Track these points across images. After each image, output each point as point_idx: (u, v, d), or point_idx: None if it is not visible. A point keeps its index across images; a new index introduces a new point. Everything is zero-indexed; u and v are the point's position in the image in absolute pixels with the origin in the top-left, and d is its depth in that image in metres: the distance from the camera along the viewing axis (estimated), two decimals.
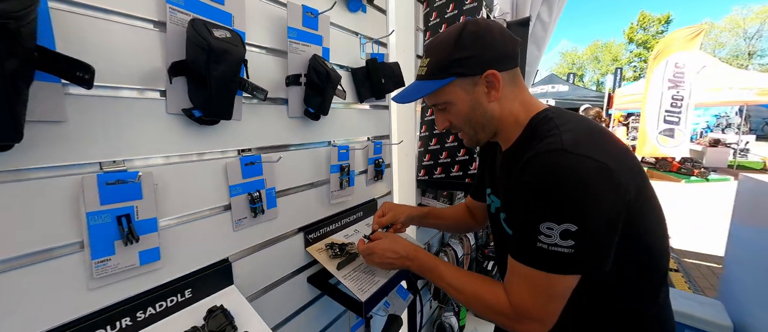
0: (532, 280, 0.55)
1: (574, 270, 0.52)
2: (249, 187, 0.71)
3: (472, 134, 0.68)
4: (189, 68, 0.55)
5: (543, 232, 0.51)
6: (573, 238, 0.49)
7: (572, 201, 0.49)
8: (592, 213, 0.49)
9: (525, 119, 0.65)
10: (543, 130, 0.60)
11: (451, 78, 0.62)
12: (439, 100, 0.65)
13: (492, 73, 0.60)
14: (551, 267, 0.52)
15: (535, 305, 0.55)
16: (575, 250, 0.50)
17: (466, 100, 0.63)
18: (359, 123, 1.07)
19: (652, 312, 0.61)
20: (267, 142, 0.77)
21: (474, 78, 0.62)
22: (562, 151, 0.52)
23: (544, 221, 0.51)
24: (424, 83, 0.65)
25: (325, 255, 0.89)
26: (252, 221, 0.73)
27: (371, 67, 1.01)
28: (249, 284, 0.74)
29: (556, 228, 0.50)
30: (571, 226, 0.49)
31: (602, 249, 0.52)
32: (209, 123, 0.62)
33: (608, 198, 0.50)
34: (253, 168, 0.71)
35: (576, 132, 0.55)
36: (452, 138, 1.35)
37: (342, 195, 1.00)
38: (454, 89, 0.63)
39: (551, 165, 0.52)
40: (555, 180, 0.50)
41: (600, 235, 0.51)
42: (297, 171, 0.86)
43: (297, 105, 0.82)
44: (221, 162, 0.66)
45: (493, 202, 0.77)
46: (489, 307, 0.61)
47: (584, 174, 0.50)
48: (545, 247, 0.51)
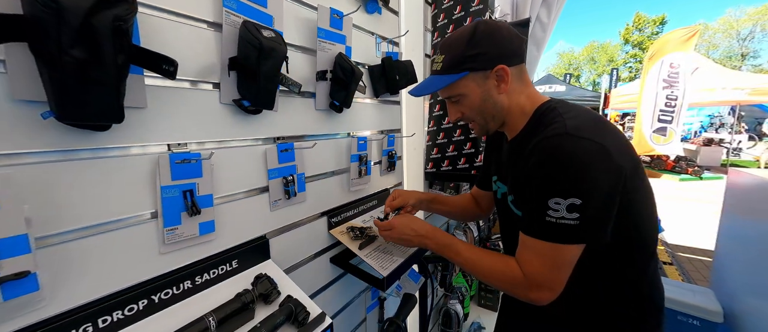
0: (542, 251, 0.62)
1: (579, 239, 0.59)
2: (284, 172, 0.79)
3: (482, 124, 0.76)
4: (241, 64, 0.63)
5: (551, 207, 0.58)
6: (578, 211, 0.56)
7: (576, 178, 0.56)
8: (593, 188, 0.56)
9: (530, 110, 0.73)
10: (548, 118, 0.67)
11: (465, 72, 0.69)
12: (453, 92, 0.73)
13: (502, 67, 0.68)
14: (559, 237, 0.59)
15: (545, 273, 0.62)
16: (580, 222, 0.57)
17: (478, 92, 0.71)
18: (374, 116, 1.15)
19: (643, 282, 0.70)
20: (298, 131, 0.84)
21: (485, 72, 0.69)
22: (566, 135, 0.59)
23: (553, 197, 0.58)
24: (440, 77, 0.72)
25: (348, 237, 0.96)
26: (286, 202, 0.81)
27: (387, 64, 1.09)
28: (282, 260, 0.81)
29: (563, 202, 0.57)
30: (576, 200, 0.56)
31: (603, 221, 0.59)
32: (253, 112, 0.70)
33: (607, 176, 0.57)
34: (287, 154, 0.79)
35: (578, 119, 0.63)
36: (459, 132, 1.43)
37: (360, 184, 1.08)
38: (466, 82, 0.71)
39: (556, 147, 0.59)
40: (560, 159, 0.58)
41: (601, 208, 0.58)
42: (322, 159, 0.94)
43: (323, 98, 0.90)
44: (261, 148, 0.74)
45: (500, 188, 0.84)
46: (504, 279, 0.68)
47: (585, 154, 0.57)
48: (554, 220, 0.58)
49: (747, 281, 1.78)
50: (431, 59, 0.74)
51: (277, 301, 0.64)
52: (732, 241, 2.02)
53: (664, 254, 3.51)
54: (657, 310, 0.71)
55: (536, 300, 0.64)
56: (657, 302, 0.71)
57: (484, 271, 0.72)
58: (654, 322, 0.71)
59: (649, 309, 0.70)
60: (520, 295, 0.67)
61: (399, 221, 0.84)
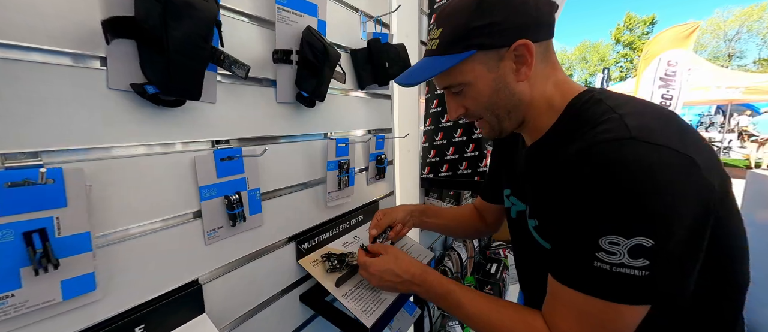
0: (585, 310, 0.43)
1: (647, 298, 0.40)
2: (226, 188, 0.56)
3: (494, 123, 0.55)
4: (139, 27, 0.40)
5: (604, 248, 0.39)
6: (647, 257, 0.37)
7: (647, 206, 0.37)
8: (672, 222, 0.37)
9: (561, 103, 0.52)
10: (592, 114, 0.46)
11: (470, 51, 0.48)
12: (454, 80, 0.52)
13: (523, 43, 0.47)
14: (614, 294, 0.40)
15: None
16: (650, 272, 0.38)
17: (489, 79, 0.50)
18: (359, 113, 0.93)
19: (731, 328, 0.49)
20: (250, 131, 0.62)
21: (500, 51, 0.48)
22: (631, 140, 0.39)
23: (607, 233, 0.38)
24: (436, 59, 0.51)
25: (321, 269, 0.74)
26: (230, 231, 0.58)
27: (374, 48, 0.87)
28: (226, 310, 0.59)
29: (624, 243, 0.38)
30: (645, 241, 0.37)
31: (685, 269, 0.40)
32: (171, 104, 0.47)
33: (694, 202, 0.38)
34: (231, 164, 0.57)
35: (643, 116, 0.42)
36: (461, 132, 1.22)
37: (340, 197, 0.86)
38: (473, 66, 0.50)
39: (616, 158, 0.39)
40: (622, 178, 0.38)
41: (682, 252, 0.39)
42: (287, 168, 0.71)
43: (287, 87, 0.67)
44: (187, 156, 0.51)
45: (515, 206, 0.64)
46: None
47: (662, 169, 0.37)
48: (607, 268, 0.39)
49: None
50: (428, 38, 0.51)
51: None
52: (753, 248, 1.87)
53: None
54: None
55: None
56: None
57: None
58: None
59: None
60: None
61: (377, 265, 0.63)
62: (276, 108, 0.67)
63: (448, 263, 1.53)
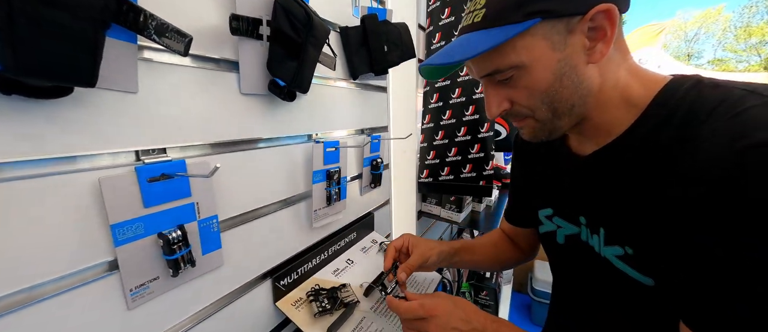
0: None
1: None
2: (160, 222, 0.37)
3: (546, 119, 0.40)
4: None
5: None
6: None
7: None
8: None
9: (644, 96, 0.38)
10: (714, 101, 0.33)
11: (533, 20, 0.34)
12: (504, 63, 0.37)
13: (606, 8, 0.34)
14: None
15: None
16: None
17: (553, 60, 0.36)
18: (351, 108, 0.76)
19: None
20: (201, 136, 0.43)
21: (571, 20, 0.35)
22: None
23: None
24: (483, 33, 0.36)
25: (307, 312, 0.57)
26: (169, 283, 0.39)
27: (370, 27, 0.70)
28: None
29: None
30: None
31: None
32: (45, 94, 0.28)
33: None
34: (168, 185, 0.38)
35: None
36: (465, 130, 1.08)
37: (330, 214, 0.68)
38: (532, 42, 0.35)
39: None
40: None
41: None
42: (259, 183, 0.53)
43: (256, 73, 0.48)
44: (86, 178, 0.32)
45: (562, 228, 0.50)
46: None
47: None
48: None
49: None
50: (464, 12, 0.39)
51: None
52: None
53: None
54: None
55: None
56: None
57: None
58: None
59: None
60: None
61: (443, 309, 0.46)
62: (240, 101, 0.48)
63: (445, 273, 1.40)
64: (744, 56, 19.05)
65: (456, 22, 1.04)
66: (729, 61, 19.90)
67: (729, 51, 19.83)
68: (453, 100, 1.08)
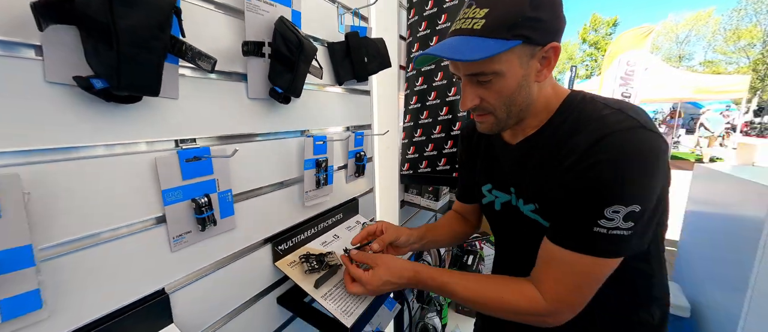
0: (578, 268, 0.52)
1: (626, 252, 0.50)
2: (192, 191, 0.52)
3: (502, 118, 0.57)
4: (80, 13, 0.35)
5: (606, 216, 0.48)
6: (634, 220, 0.47)
7: (645, 180, 0.47)
8: (653, 192, 0.48)
9: (555, 103, 0.58)
10: (590, 111, 0.53)
11: (517, 41, 0.49)
12: (489, 68, 0.51)
13: (555, 46, 0.51)
14: (605, 251, 0.50)
15: (575, 292, 0.53)
16: (632, 232, 0.48)
17: (518, 74, 0.52)
18: (337, 109, 0.91)
19: (663, 271, 0.63)
20: (219, 130, 0.58)
21: (535, 48, 0.51)
22: (642, 129, 0.47)
23: (612, 204, 0.47)
24: (483, 41, 0.49)
25: (299, 270, 0.72)
26: (199, 236, 0.54)
27: (352, 42, 0.85)
28: (197, 319, 0.56)
29: (623, 210, 0.47)
30: (636, 207, 0.47)
31: (650, 226, 0.51)
32: (124, 100, 0.43)
33: (663, 175, 0.49)
34: (198, 165, 0.53)
35: (635, 110, 0.51)
36: (439, 128, 1.23)
37: (319, 196, 0.83)
38: (511, 57, 0.51)
39: (634, 143, 0.47)
40: (637, 159, 0.46)
41: (652, 214, 0.50)
42: (262, 168, 0.68)
43: (260, 82, 0.63)
44: (147, 157, 0.47)
45: (499, 198, 0.69)
46: (519, 311, 0.56)
47: (658, 151, 0.47)
48: (604, 232, 0.48)
49: (710, 273, 1.82)
50: (462, 15, 0.53)
51: None
52: (696, 235, 2.08)
53: None
54: (663, 307, 0.65)
55: (553, 323, 0.56)
56: (664, 299, 0.65)
57: (492, 307, 0.59)
58: (659, 316, 0.64)
59: (655, 307, 0.63)
60: (536, 322, 0.57)
61: (373, 280, 0.63)
62: (248, 104, 0.63)
63: (426, 257, 1.55)
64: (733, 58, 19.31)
65: (431, 35, 1.19)
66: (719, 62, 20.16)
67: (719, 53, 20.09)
68: (429, 102, 1.24)
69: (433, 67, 1.21)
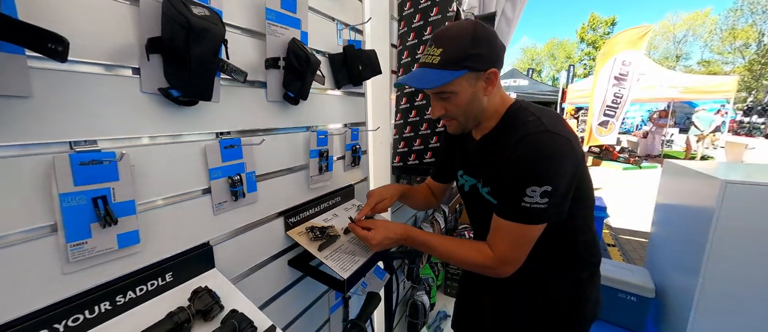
0: (514, 232, 0.71)
1: (546, 220, 0.70)
2: (229, 171, 0.71)
3: (462, 122, 0.78)
4: (166, 45, 0.53)
5: (527, 194, 0.66)
6: (548, 197, 0.66)
7: (551, 168, 0.65)
8: (561, 176, 0.66)
9: (502, 111, 0.78)
10: (521, 117, 0.73)
11: (464, 71, 0.70)
12: (446, 89, 0.72)
13: (494, 71, 0.72)
14: (531, 219, 0.69)
15: (514, 251, 0.72)
16: (548, 205, 0.67)
17: (469, 92, 0.73)
18: (336, 109, 1.09)
19: (588, 238, 0.84)
20: (246, 125, 0.76)
21: (479, 73, 0.72)
22: (547, 132, 0.67)
23: (530, 185, 0.66)
24: (436, 72, 0.71)
25: (306, 238, 0.91)
26: (232, 205, 0.73)
27: (349, 53, 1.03)
28: (231, 267, 0.74)
29: (538, 190, 0.65)
30: (548, 187, 0.65)
31: (565, 202, 0.71)
32: (187, 104, 0.61)
33: (571, 164, 0.67)
34: (232, 151, 0.71)
35: (548, 117, 0.71)
36: (426, 126, 1.41)
37: (321, 180, 1.02)
38: (461, 81, 0.71)
39: (540, 142, 0.66)
40: (543, 153, 0.65)
41: (565, 191, 0.69)
42: (276, 155, 0.86)
43: (276, 89, 0.81)
44: (200, 144, 0.65)
45: (467, 181, 0.89)
46: (476, 263, 0.76)
47: (560, 147, 0.66)
48: (528, 206, 0.67)
49: (675, 260, 2.01)
50: (424, 51, 0.77)
51: (219, 317, 0.57)
52: (664, 224, 2.27)
53: (609, 236, 3.88)
54: (592, 265, 0.85)
55: (501, 274, 0.75)
56: (590, 259, 0.85)
57: (458, 260, 0.80)
58: (587, 274, 0.84)
59: (583, 265, 0.84)
60: (489, 272, 0.76)
61: (377, 235, 0.83)
62: (267, 105, 0.81)
63: None
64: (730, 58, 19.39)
65: (418, 44, 1.37)
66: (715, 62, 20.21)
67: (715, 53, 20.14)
68: (417, 102, 1.42)
69: None
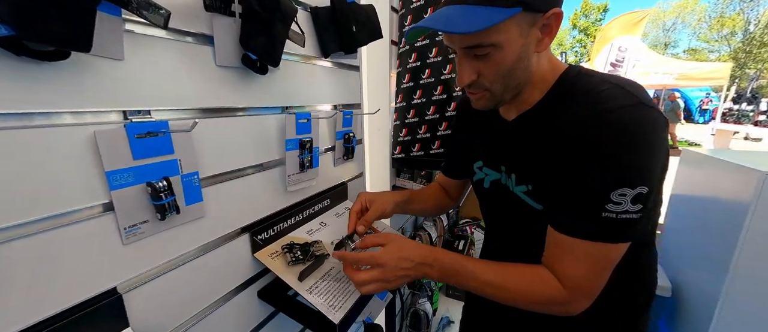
0: (592, 254, 0.49)
1: (636, 234, 0.47)
2: (148, 173, 0.44)
3: (498, 93, 0.52)
4: None
5: (613, 200, 0.44)
6: (642, 202, 0.44)
7: (650, 161, 0.44)
8: (657, 171, 0.46)
9: (552, 78, 0.53)
10: (586, 85, 0.49)
11: (517, 9, 0.43)
12: (486, 39, 0.45)
13: (558, 12, 0.46)
14: (617, 236, 0.47)
15: (592, 280, 0.50)
16: (641, 214, 0.45)
17: (518, 44, 0.46)
18: (323, 85, 0.82)
19: (651, 255, 0.62)
20: (181, 101, 0.49)
21: (536, 16, 0.45)
22: (640, 105, 0.43)
23: (619, 187, 0.43)
24: (479, 9, 0.42)
25: (282, 262, 0.66)
26: (157, 226, 0.46)
27: (339, 7, 0.75)
28: (161, 320, 0.49)
29: (630, 193, 0.43)
30: (643, 189, 0.44)
31: (657, 208, 0.53)
32: (46, 56, 0.33)
33: (665, 154, 0.46)
34: (154, 142, 0.44)
35: (631, 85, 0.47)
36: (433, 109, 1.16)
37: (303, 180, 0.76)
38: (510, 27, 0.45)
39: (636, 122, 0.43)
40: (638, 139, 0.43)
41: (657, 193, 0.50)
42: (237, 147, 0.60)
43: (230, 46, 0.54)
44: (82, 131, 0.38)
45: (489, 176, 0.66)
46: (541, 299, 0.52)
47: (659, 131, 0.44)
48: (613, 216, 0.45)
49: (692, 255, 1.87)
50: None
51: None
52: (680, 218, 2.12)
53: None
54: (650, 287, 0.63)
55: (574, 311, 0.52)
56: (649, 280, 0.63)
57: (514, 295, 0.53)
58: (643, 301, 0.63)
59: (641, 290, 0.62)
60: (557, 310, 0.53)
61: (387, 256, 0.54)
62: (216, 72, 0.54)
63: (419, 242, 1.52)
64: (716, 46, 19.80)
65: (426, 6, 1.10)
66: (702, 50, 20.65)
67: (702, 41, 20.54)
68: (423, 80, 1.16)
69: (426, 42, 1.13)
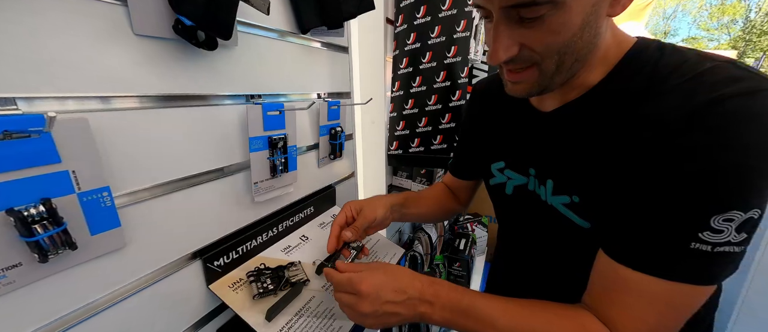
0: (667, 299, 0.34)
1: (731, 273, 0.33)
2: (12, 194, 0.29)
3: (549, 73, 0.37)
4: None
5: (712, 227, 0.31)
6: (748, 230, 0.31)
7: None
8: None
9: (616, 54, 0.39)
10: (677, 61, 0.35)
11: None
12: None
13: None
14: (708, 276, 0.33)
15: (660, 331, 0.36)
16: (744, 246, 0.32)
17: (587, 3, 0.32)
18: (302, 68, 0.66)
19: (719, 285, 0.45)
20: (74, 86, 0.33)
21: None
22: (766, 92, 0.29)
23: (726, 210, 0.30)
24: None
25: (247, 294, 0.51)
26: (37, 271, 0.31)
27: None
28: None
29: (739, 218, 0.30)
30: (755, 213, 0.30)
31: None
32: None
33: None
34: (21, 146, 0.29)
35: (743, 64, 0.33)
36: (435, 98, 1.01)
37: (275, 187, 0.61)
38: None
39: (759, 118, 0.29)
40: (763, 141, 0.29)
41: None
42: (175, 150, 0.44)
43: (154, 8, 0.38)
44: None
45: (511, 180, 0.52)
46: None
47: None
48: (708, 249, 0.31)
49: None
50: None
51: None
52: None
53: None
54: (708, 320, 0.50)
55: None
56: (710, 315, 0.49)
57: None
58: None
59: (699, 323, 0.45)
60: None
61: (369, 278, 0.41)
62: (134, 45, 0.38)
63: (417, 246, 1.39)
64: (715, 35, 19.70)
65: None
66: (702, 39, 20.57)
67: (702, 29, 20.42)
68: (424, 65, 1.00)
69: (427, 19, 0.96)
